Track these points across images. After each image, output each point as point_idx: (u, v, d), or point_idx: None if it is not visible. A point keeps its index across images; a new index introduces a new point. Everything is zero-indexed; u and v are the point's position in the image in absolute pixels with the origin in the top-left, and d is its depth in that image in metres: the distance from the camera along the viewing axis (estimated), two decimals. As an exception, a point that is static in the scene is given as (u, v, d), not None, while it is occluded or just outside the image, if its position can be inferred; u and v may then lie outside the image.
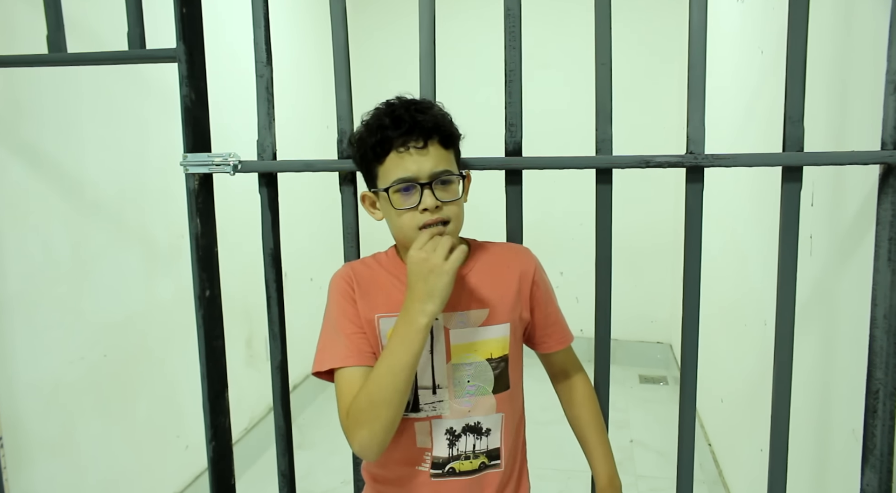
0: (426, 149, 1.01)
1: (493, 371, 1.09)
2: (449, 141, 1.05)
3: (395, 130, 1.01)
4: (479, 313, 1.08)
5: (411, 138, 1.01)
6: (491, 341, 1.09)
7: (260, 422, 2.91)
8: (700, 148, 1.15)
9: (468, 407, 1.09)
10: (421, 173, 1.01)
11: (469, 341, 1.08)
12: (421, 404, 1.08)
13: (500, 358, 1.10)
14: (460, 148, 1.10)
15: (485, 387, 1.09)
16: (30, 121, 1.68)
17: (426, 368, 1.08)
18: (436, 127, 1.02)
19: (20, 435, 1.65)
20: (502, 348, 1.10)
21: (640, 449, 2.95)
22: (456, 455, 1.09)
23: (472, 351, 1.09)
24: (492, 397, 1.09)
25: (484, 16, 3.86)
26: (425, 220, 1.01)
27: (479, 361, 1.09)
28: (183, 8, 1.21)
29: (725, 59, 2.45)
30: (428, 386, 1.08)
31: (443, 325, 1.07)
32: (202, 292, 1.28)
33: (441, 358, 1.08)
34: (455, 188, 1.04)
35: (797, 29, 1.10)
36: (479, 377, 1.09)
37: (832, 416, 1.34)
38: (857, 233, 1.23)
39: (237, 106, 2.44)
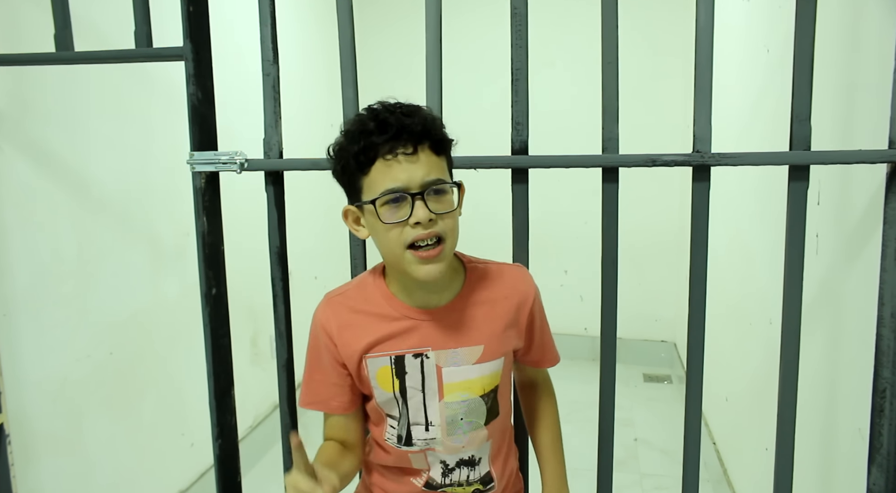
0: (416, 155, 0.91)
1: (485, 405, 1.05)
2: (440, 147, 0.95)
3: (381, 135, 0.91)
4: (472, 351, 1.02)
5: (399, 144, 0.90)
6: (486, 376, 1.04)
7: (265, 420, 2.92)
8: (706, 147, 1.14)
9: (462, 444, 1.05)
10: (412, 183, 0.90)
11: (463, 379, 1.02)
12: (414, 440, 1.05)
13: (491, 391, 1.05)
14: (451, 153, 1.00)
15: (478, 422, 1.05)
16: (36, 119, 1.68)
17: (419, 406, 1.03)
18: (426, 131, 0.92)
19: (27, 432, 1.65)
20: (493, 381, 1.05)
21: (645, 448, 2.95)
22: (449, 483, 1.08)
23: (465, 390, 1.03)
24: (484, 430, 1.06)
25: (490, 14, 3.86)
26: (417, 235, 0.91)
27: (474, 397, 1.04)
28: (190, 6, 1.21)
29: (731, 58, 2.44)
30: (420, 423, 1.04)
31: (435, 363, 1.01)
32: (208, 290, 1.28)
33: (433, 397, 1.03)
34: (450, 199, 0.94)
35: (804, 27, 1.10)
36: (473, 414, 1.04)
37: (838, 415, 1.34)
38: (865, 232, 1.23)
39: (243, 104, 2.44)
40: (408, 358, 1.01)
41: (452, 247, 0.96)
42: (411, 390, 1.03)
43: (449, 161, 0.99)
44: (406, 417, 1.04)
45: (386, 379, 1.03)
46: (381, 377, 1.03)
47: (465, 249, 1.07)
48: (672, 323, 3.93)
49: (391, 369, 1.02)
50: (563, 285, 3.96)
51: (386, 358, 1.02)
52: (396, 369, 1.02)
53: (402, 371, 1.02)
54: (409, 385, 1.03)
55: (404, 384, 1.03)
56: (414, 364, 1.02)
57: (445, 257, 0.94)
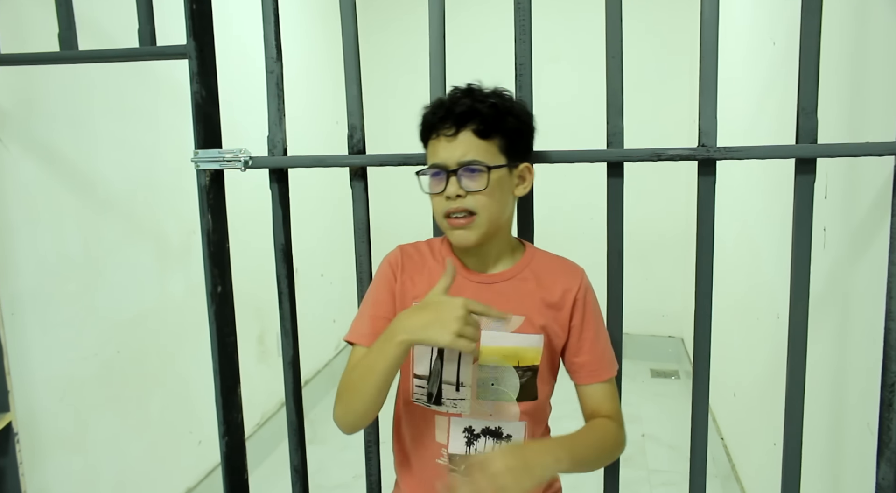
0: (456, 137, 1.01)
1: (519, 379, 1.08)
2: (487, 131, 1.02)
3: (434, 115, 1.04)
4: (514, 319, 1.07)
5: (444, 125, 1.02)
6: (522, 348, 1.07)
7: (272, 418, 2.92)
8: (712, 141, 1.14)
9: (489, 411, 1.08)
10: (449, 161, 1.02)
11: (499, 345, 1.07)
12: (443, 399, 1.08)
13: (527, 367, 1.08)
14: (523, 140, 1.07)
15: (509, 394, 1.08)
16: (42, 118, 1.69)
17: (453, 364, 1.08)
18: (469, 115, 1.01)
19: (35, 430, 1.66)
20: (532, 359, 1.08)
21: (652, 443, 2.95)
22: (475, 453, 1.08)
23: (501, 355, 1.07)
24: (515, 406, 1.08)
25: (493, 9, 3.85)
26: (448, 207, 1.02)
27: (506, 366, 1.07)
28: (193, 5, 1.21)
29: (737, 51, 2.43)
30: (452, 382, 1.08)
31: (478, 322, 1.05)
32: (214, 288, 1.28)
33: (469, 357, 1.07)
34: (482, 179, 1.01)
35: (810, 19, 1.09)
36: (503, 383, 1.07)
37: (846, 409, 1.33)
38: (872, 225, 1.22)
39: (247, 102, 2.44)
40: None
41: (487, 220, 1.03)
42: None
43: (507, 142, 1.04)
44: (440, 374, 1.08)
45: None
46: None
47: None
48: (679, 318, 3.92)
49: None
50: (569, 281, 3.95)
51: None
52: None
53: None
54: None
55: None
56: None
57: (477, 227, 1.03)
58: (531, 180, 1.10)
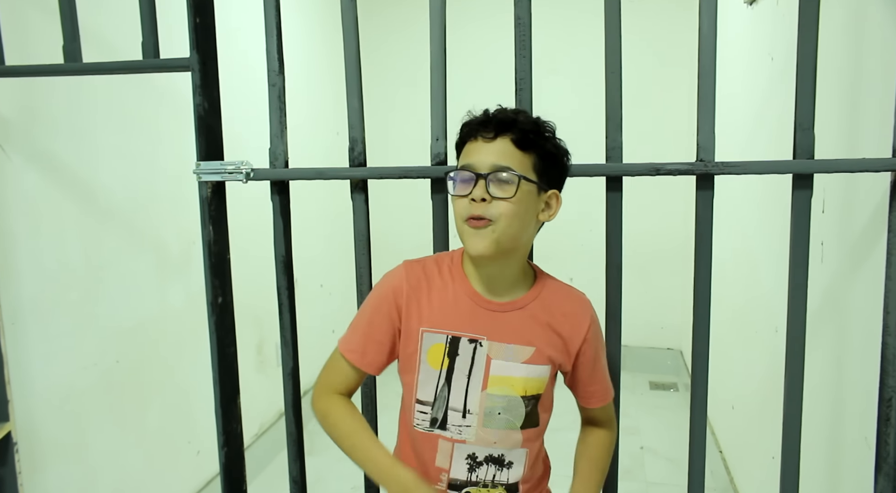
0: (493, 140, 1.00)
1: (525, 408, 1.07)
2: (526, 143, 1.00)
3: (475, 119, 1.03)
4: (524, 350, 1.06)
5: (483, 129, 1.01)
6: (530, 379, 1.07)
7: (270, 428, 2.92)
8: (710, 156, 1.15)
9: (494, 438, 1.07)
10: (481, 164, 0.99)
11: (509, 375, 1.06)
12: (449, 424, 1.08)
13: (533, 396, 1.08)
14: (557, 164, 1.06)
15: (514, 422, 1.08)
16: (45, 129, 1.70)
17: (461, 391, 1.07)
18: (511, 124, 1.00)
19: (34, 440, 1.66)
20: (538, 388, 1.08)
21: (651, 456, 2.94)
22: (474, 481, 1.08)
23: (509, 385, 1.06)
24: (519, 433, 1.08)
25: (493, 24, 3.88)
26: (470, 211, 0.99)
27: (514, 396, 1.07)
28: (196, 18, 1.22)
29: (735, 66, 2.45)
30: (459, 409, 1.07)
31: (486, 353, 1.05)
32: (215, 298, 1.29)
33: (477, 385, 1.06)
34: (511, 188, 0.98)
35: (807, 36, 1.10)
36: (510, 411, 1.07)
37: (844, 424, 1.33)
38: (869, 240, 1.23)
39: (249, 115, 2.45)
40: (463, 341, 1.06)
41: (505, 231, 0.99)
42: (458, 372, 1.06)
43: (543, 163, 1.03)
44: (446, 400, 1.07)
45: (437, 357, 1.07)
46: (432, 354, 1.07)
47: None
48: (678, 331, 3.92)
49: (445, 347, 1.06)
50: (568, 293, 3.95)
51: (443, 336, 1.06)
52: (450, 348, 1.06)
53: (455, 352, 1.06)
54: (457, 367, 1.06)
55: (453, 365, 1.06)
56: (467, 348, 1.06)
57: (493, 235, 0.99)
58: (557, 209, 1.06)
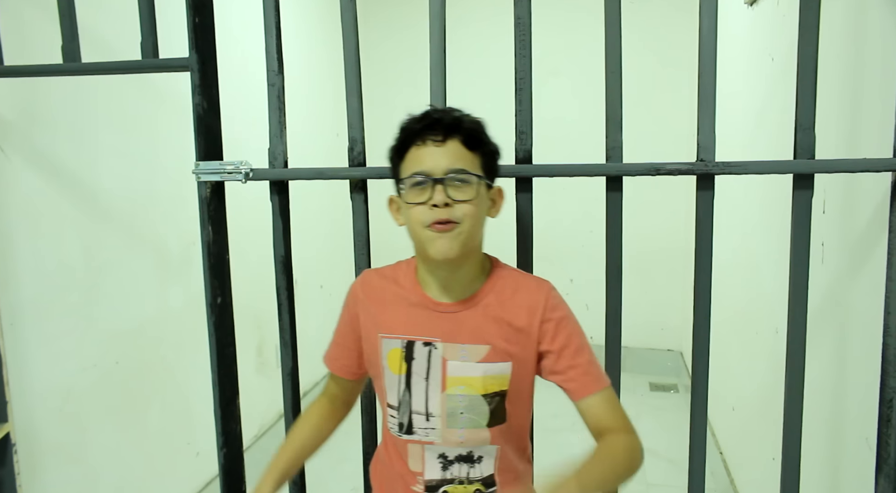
0: (444, 143, 0.98)
1: (488, 406, 1.05)
2: (474, 143, 1.00)
3: (418, 123, 1.01)
4: (479, 349, 1.04)
5: (431, 132, 0.99)
6: (489, 377, 1.04)
7: (270, 429, 2.91)
8: (710, 156, 1.14)
9: (461, 439, 1.06)
10: (436, 168, 0.97)
11: (466, 375, 1.04)
12: (415, 428, 1.07)
13: (495, 393, 1.04)
14: (494, 160, 1.04)
15: (478, 420, 1.05)
16: (44, 130, 1.69)
17: (421, 395, 1.06)
18: (457, 124, 0.99)
19: (33, 441, 1.66)
20: (500, 385, 1.04)
21: (651, 457, 2.93)
22: (450, 479, 1.08)
23: (467, 385, 1.04)
24: (486, 431, 1.05)
25: (494, 24, 3.87)
26: (434, 217, 0.97)
27: (475, 395, 1.04)
28: (196, 18, 1.22)
29: (735, 67, 2.45)
30: (422, 412, 1.06)
31: (441, 355, 1.04)
32: (214, 299, 1.28)
33: (436, 387, 1.05)
34: (472, 190, 0.98)
35: (808, 36, 1.10)
36: (472, 410, 1.05)
37: (845, 425, 1.33)
38: (870, 240, 1.22)
39: (248, 114, 2.45)
40: (417, 345, 1.06)
41: (469, 232, 0.99)
42: (416, 376, 1.06)
43: (487, 164, 1.03)
44: (409, 404, 1.07)
45: (395, 362, 1.07)
46: (391, 359, 1.07)
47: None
48: (678, 332, 3.91)
49: (402, 352, 1.06)
50: (568, 294, 3.89)
51: (398, 341, 1.06)
52: (406, 353, 1.06)
53: (411, 357, 1.06)
54: (414, 371, 1.06)
55: (410, 369, 1.06)
56: (422, 352, 1.05)
57: (459, 236, 0.98)
58: (501, 204, 1.07)
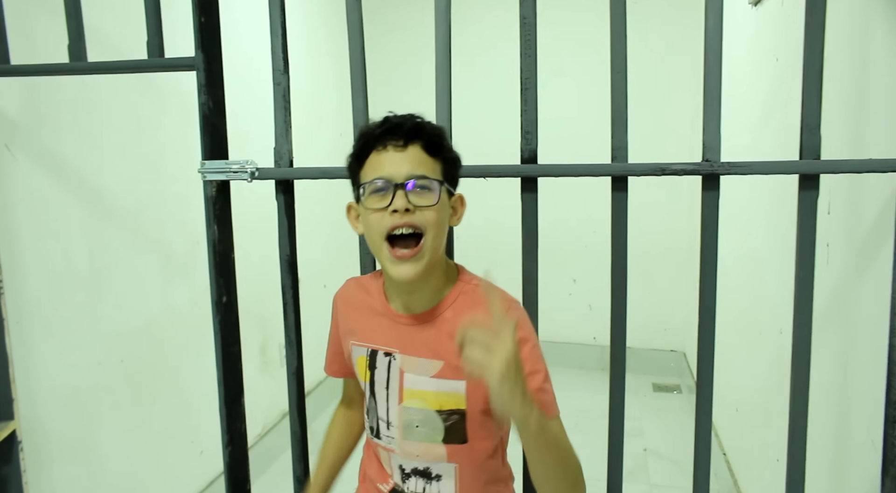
0: (405, 149, 0.96)
1: (443, 422, 1.03)
2: (434, 149, 0.98)
3: (378, 129, 0.98)
4: (433, 364, 1.02)
5: (391, 137, 0.97)
6: (442, 393, 1.02)
7: (273, 428, 2.92)
8: (716, 156, 1.14)
9: (416, 451, 1.05)
10: (397, 174, 0.95)
11: (421, 389, 1.03)
12: (381, 434, 1.09)
13: (451, 411, 1.02)
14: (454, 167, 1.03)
15: (433, 435, 1.03)
16: (50, 129, 1.70)
17: (383, 403, 1.07)
18: (418, 130, 0.97)
19: (39, 439, 1.66)
20: (455, 403, 1.02)
21: (654, 458, 2.93)
22: (410, 492, 1.08)
23: (421, 398, 1.03)
24: (442, 447, 1.04)
25: (499, 24, 3.87)
26: (394, 222, 0.94)
27: (429, 410, 1.03)
28: (202, 17, 1.22)
29: (740, 67, 2.44)
30: (384, 420, 1.07)
31: (399, 366, 1.04)
32: (219, 297, 1.29)
33: (395, 398, 1.05)
34: (433, 195, 0.96)
35: (814, 36, 1.09)
36: (427, 425, 1.03)
37: (851, 426, 1.33)
38: (876, 241, 1.22)
39: (254, 114, 2.46)
40: (379, 355, 1.07)
41: (433, 245, 0.96)
42: (378, 385, 1.08)
43: (447, 170, 1.01)
44: (375, 410, 1.09)
45: (362, 369, 1.10)
46: (359, 366, 1.10)
47: (474, 256, 1.07)
48: (681, 332, 3.91)
49: (366, 360, 1.09)
50: (571, 294, 3.95)
51: (364, 349, 1.09)
52: (370, 362, 1.08)
53: (374, 365, 1.08)
54: (377, 380, 1.08)
55: (374, 378, 1.08)
56: (383, 362, 1.07)
57: (423, 255, 0.95)
58: (462, 212, 1.05)
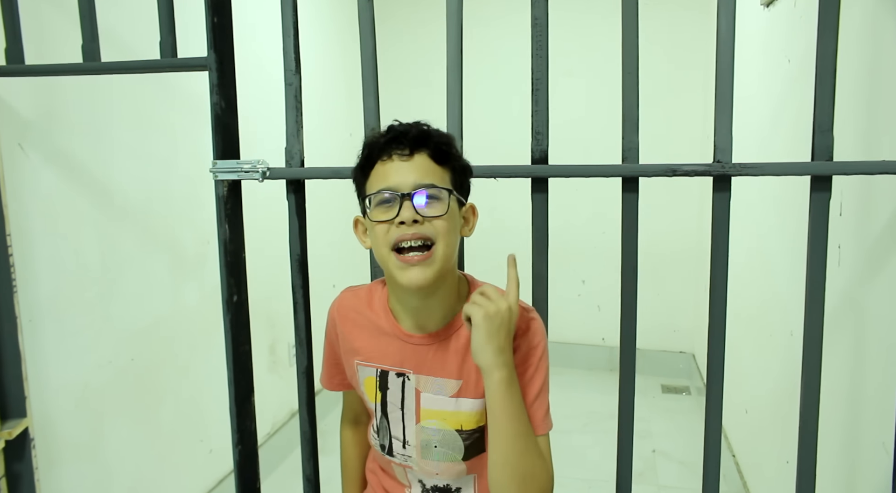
0: (411, 158, 0.93)
1: (463, 442, 1.01)
2: (442, 157, 0.95)
3: (382, 138, 0.95)
4: (451, 383, 0.99)
5: (396, 146, 0.93)
6: (462, 413, 1.00)
7: (282, 427, 2.92)
8: (727, 157, 1.14)
9: (435, 470, 1.03)
10: (403, 184, 0.91)
11: (440, 409, 1.00)
12: (395, 452, 1.06)
13: (473, 430, 1.00)
14: (464, 175, 1.00)
15: (453, 455, 1.01)
16: (62, 129, 1.71)
17: (398, 423, 1.04)
18: (424, 137, 0.94)
19: (50, 437, 1.68)
20: (476, 422, 1.00)
21: (663, 460, 2.92)
22: None
23: (440, 418, 1.00)
24: (461, 465, 1.02)
25: (510, 24, 3.88)
26: (400, 235, 0.90)
27: (448, 430, 1.00)
28: (214, 18, 1.23)
29: (752, 68, 2.43)
30: (399, 438, 1.04)
31: (415, 386, 1.01)
32: (230, 296, 1.29)
33: (411, 418, 1.03)
34: (442, 205, 0.93)
35: (827, 38, 1.09)
36: (446, 445, 1.01)
37: (861, 428, 1.32)
38: (887, 243, 1.21)
39: (265, 114, 2.47)
40: (391, 375, 1.04)
41: (444, 253, 0.93)
42: (391, 405, 1.04)
43: (456, 177, 0.98)
44: (388, 430, 1.06)
45: (371, 389, 1.06)
46: (367, 386, 1.07)
47: (482, 257, 1.07)
48: (691, 334, 3.90)
49: (376, 381, 1.05)
50: (580, 295, 3.95)
51: (372, 369, 1.05)
52: (380, 382, 1.05)
53: (385, 386, 1.04)
54: (389, 400, 1.04)
55: (385, 399, 1.05)
56: (396, 382, 1.03)
57: (434, 262, 0.92)
58: (475, 222, 1.02)
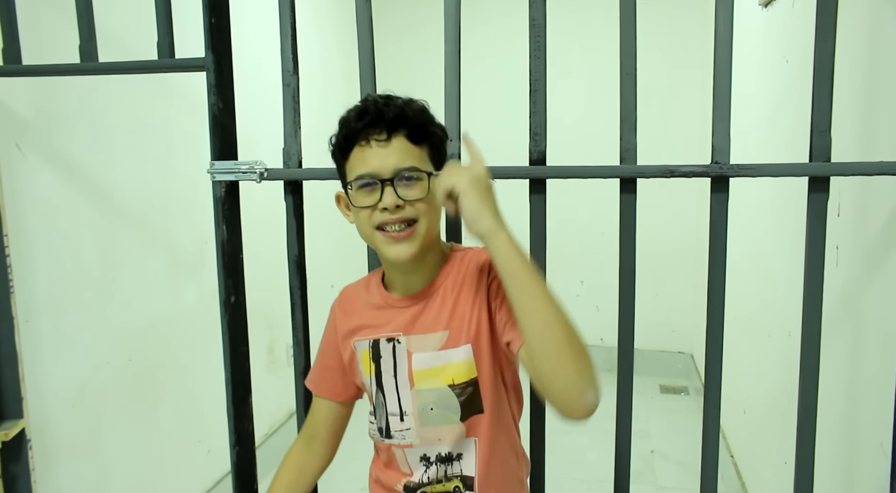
0: (389, 142, 0.94)
1: (457, 398, 1.00)
2: (419, 136, 0.96)
3: (358, 122, 0.95)
4: (438, 336, 1.00)
5: (374, 131, 0.94)
6: (452, 365, 1.00)
7: (280, 428, 2.92)
8: (725, 158, 1.14)
9: (437, 436, 1.02)
10: (383, 169, 0.93)
11: (430, 366, 1.01)
12: (392, 431, 1.05)
13: (465, 383, 1.00)
14: (441, 145, 1.01)
15: (451, 416, 1.01)
16: (60, 129, 1.71)
17: (393, 394, 1.04)
18: (401, 119, 0.94)
19: (47, 437, 1.67)
20: (467, 373, 1.00)
21: (661, 460, 2.93)
22: (428, 481, 1.05)
23: (433, 376, 1.01)
24: (460, 426, 1.01)
25: (508, 25, 3.88)
26: (383, 219, 0.94)
27: (442, 387, 1.00)
28: (212, 18, 1.23)
29: (749, 69, 2.44)
30: (396, 413, 1.04)
31: (406, 348, 1.02)
32: (227, 297, 1.29)
33: (405, 385, 1.02)
34: (424, 186, 0.94)
35: (825, 39, 1.09)
36: (442, 405, 1.01)
37: (859, 429, 1.32)
38: (885, 243, 1.22)
39: (260, 114, 2.46)
40: (382, 342, 1.05)
41: (427, 229, 0.96)
42: (386, 375, 1.05)
43: (435, 152, 1.00)
44: (384, 406, 1.05)
45: (366, 363, 1.07)
46: (364, 361, 1.07)
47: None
48: (689, 334, 3.90)
49: (369, 353, 1.06)
50: (578, 296, 3.95)
51: (366, 342, 1.06)
52: (373, 353, 1.05)
53: (378, 355, 1.05)
54: (383, 370, 1.05)
55: (380, 369, 1.05)
56: (387, 349, 1.04)
57: (417, 237, 0.95)
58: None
